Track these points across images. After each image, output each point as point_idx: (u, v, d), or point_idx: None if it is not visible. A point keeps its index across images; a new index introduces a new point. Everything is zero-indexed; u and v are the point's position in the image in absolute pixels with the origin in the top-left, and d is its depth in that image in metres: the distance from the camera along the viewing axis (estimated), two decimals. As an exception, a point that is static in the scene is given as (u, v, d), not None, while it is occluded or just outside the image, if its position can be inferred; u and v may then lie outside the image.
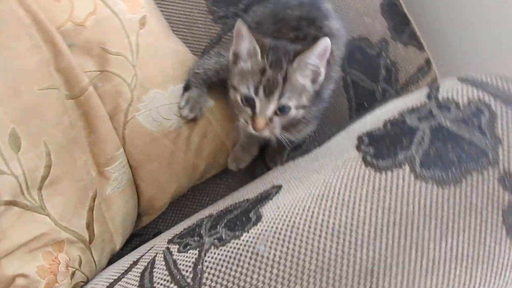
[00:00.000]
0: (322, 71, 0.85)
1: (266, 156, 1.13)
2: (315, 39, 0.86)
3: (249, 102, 0.83)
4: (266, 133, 0.85)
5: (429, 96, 0.70)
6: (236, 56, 0.86)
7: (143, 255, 0.77)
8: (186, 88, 1.02)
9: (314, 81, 0.85)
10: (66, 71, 0.84)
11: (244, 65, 0.85)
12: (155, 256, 0.73)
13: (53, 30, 0.84)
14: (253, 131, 0.85)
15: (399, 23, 1.16)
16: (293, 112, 0.84)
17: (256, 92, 0.81)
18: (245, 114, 0.84)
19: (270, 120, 0.83)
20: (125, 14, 0.95)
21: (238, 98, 0.84)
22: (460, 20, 1.30)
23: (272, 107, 0.82)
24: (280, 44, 0.87)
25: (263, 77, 0.81)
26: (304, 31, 0.93)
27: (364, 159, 0.64)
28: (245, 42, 0.83)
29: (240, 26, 0.81)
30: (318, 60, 0.82)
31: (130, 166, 0.94)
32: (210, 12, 1.13)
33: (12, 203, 0.73)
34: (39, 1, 0.85)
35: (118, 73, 0.91)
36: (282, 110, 0.83)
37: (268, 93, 0.81)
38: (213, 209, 0.83)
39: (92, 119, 0.87)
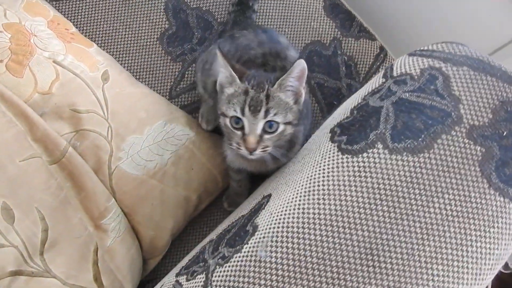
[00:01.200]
0: (302, 91, 0.88)
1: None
2: (283, 69, 0.92)
3: (238, 124, 0.85)
4: (258, 154, 0.86)
5: (385, 76, 0.73)
6: (221, 86, 0.89)
7: (155, 294, 0.78)
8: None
9: (296, 102, 0.87)
10: (43, 139, 0.86)
11: (228, 91, 0.87)
12: (166, 291, 0.74)
13: (22, 104, 0.87)
14: (247, 154, 0.86)
15: (345, 20, 1.21)
16: (281, 128, 0.85)
17: (243, 113, 0.83)
18: (237, 137, 0.86)
19: (261, 137, 0.84)
20: (87, 73, 0.98)
21: (228, 122, 0.86)
22: (404, 3, 1.36)
23: (260, 124, 0.83)
24: (261, 72, 0.91)
25: (247, 97, 0.83)
26: (271, 64, 0.98)
27: (340, 148, 0.66)
28: (222, 68, 0.86)
29: (217, 52, 0.84)
30: (297, 82, 0.85)
31: (125, 213, 0.96)
32: (167, 53, 1.17)
33: (17, 272, 0.74)
34: (3, 81, 0.88)
35: (92, 129, 0.93)
36: (270, 126, 0.84)
37: (254, 112, 0.82)
38: (213, 234, 0.84)
39: (78, 178, 0.88)
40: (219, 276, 0.63)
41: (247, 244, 0.63)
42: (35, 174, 0.82)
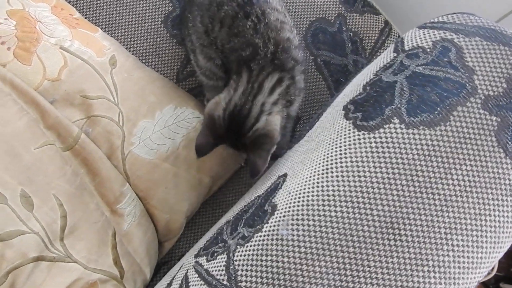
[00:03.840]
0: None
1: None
2: (263, 14, 0.91)
3: None
4: None
5: (396, 51, 0.73)
6: None
7: (175, 275, 0.79)
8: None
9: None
10: (56, 126, 0.87)
11: None
12: (187, 272, 0.74)
13: (32, 92, 0.86)
14: None
15: (348, -5, 1.20)
16: None
17: None
18: None
19: None
20: (94, 59, 0.97)
21: None
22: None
23: None
24: None
25: None
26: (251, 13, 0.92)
27: (355, 125, 0.66)
28: None
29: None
30: None
31: (140, 198, 0.96)
32: (172, 36, 1.16)
33: (39, 258, 0.75)
34: (12, 69, 0.88)
35: (104, 114, 0.93)
36: None
37: None
38: (229, 215, 0.85)
39: (92, 164, 0.89)
40: (241, 255, 0.63)
41: (268, 223, 0.64)
42: (49, 161, 0.83)
